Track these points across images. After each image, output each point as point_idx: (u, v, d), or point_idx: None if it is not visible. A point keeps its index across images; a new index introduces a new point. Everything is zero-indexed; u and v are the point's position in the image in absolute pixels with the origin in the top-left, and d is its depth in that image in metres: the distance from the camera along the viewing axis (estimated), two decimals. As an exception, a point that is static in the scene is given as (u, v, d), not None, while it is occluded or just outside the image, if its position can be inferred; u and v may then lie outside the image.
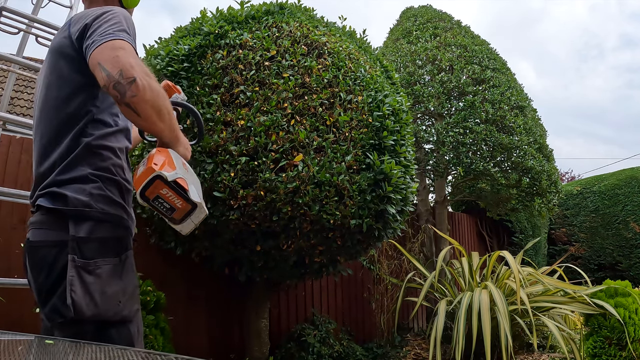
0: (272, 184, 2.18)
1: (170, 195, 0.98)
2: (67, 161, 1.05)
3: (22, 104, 7.79)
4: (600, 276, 7.27)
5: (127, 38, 1.01)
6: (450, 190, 5.89)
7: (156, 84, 0.99)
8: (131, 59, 0.96)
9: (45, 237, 1.02)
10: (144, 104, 0.95)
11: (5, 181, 2.79)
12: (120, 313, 1.03)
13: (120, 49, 0.97)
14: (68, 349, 0.84)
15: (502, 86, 4.94)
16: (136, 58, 0.98)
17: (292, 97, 2.34)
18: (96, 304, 0.98)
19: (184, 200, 0.99)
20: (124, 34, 1.01)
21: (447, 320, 3.58)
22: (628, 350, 2.98)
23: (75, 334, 0.95)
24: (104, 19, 1.04)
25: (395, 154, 2.55)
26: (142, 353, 0.73)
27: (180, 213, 1.00)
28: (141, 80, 0.94)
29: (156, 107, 0.98)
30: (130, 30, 1.06)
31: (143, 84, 0.94)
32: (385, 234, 2.67)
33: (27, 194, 2.11)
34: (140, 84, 0.93)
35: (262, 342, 3.03)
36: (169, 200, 0.98)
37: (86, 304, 0.97)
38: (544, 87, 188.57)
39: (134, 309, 1.09)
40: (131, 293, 1.08)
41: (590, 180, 8.83)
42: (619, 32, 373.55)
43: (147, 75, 0.97)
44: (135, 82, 0.93)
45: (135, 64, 0.95)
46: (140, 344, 1.10)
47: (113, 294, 1.01)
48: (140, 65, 0.97)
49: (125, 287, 1.05)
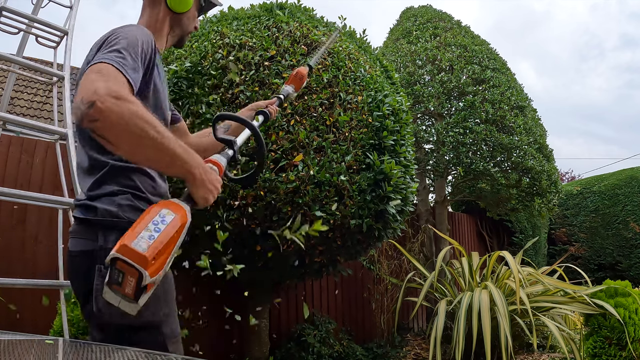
0: (272, 184, 2.18)
1: (125, 278, 0.79)
2: (96, 179, 1.08)
3: (22, 104, 7.78)
4: (600, 276, 7.27)
5: (113, 57, 0.94)
6: (450, 190, 5.89)
7: (134, 106, 0.86)
8: (98, 82, 0.86)
9: (79, 247, 1.07)
10: (112, 129, 0.83)
11: (5, 181, 2.79)
12: (144, 319, 1.03)
13: (95, 72, 0.89)
14: (68, 349, 0.84)
15: (502, 86, 4.94)
16: (108, 79, 0.88)
17: (292, 97, 2.34)
18: (119, 311, 1.01)
19: (133, 290, 0.79)
20: (113, 54, 0.95)
21: (447, 320, 3.58)
22: (628, 350, 2.98)
23: (105, 337, 1.02)
24: (107, 43, 1.01)
25: (395, 154, 2.55)
26: (143, 353, 0.73)
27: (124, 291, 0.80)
28: (103, 103, 0.82)
29: (132, 133, 0.84)
30: (132, 48, 1.00)
31: (106, 107, 0.82)
32: (385, 234, 2.67)
33: (27, 194, 2.11)
34: (100, 107, 0.81)
35: (262, 342, 3.03)
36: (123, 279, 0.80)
37: (109, 313, 1.00)
38: (544, 87, 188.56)
39: (162, 312, 1.08)
40: (157, 298, 1.05)
41: (590, 180, 8.83)
42: (619, 32, 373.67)
43: (118, 97, 0.84)
44: (95, 105, 0.81)
45: (100, 86, 0.84)
46: (173, 345, 1.10)
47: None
48: (109, 88, 0.85)
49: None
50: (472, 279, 3.91)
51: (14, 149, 2.91)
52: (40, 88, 8.31)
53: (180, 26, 1.31)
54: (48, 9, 2.81)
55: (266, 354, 3.04)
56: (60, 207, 2.43)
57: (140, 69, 1.01)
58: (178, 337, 1.14)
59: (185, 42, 1.37)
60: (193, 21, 1.34)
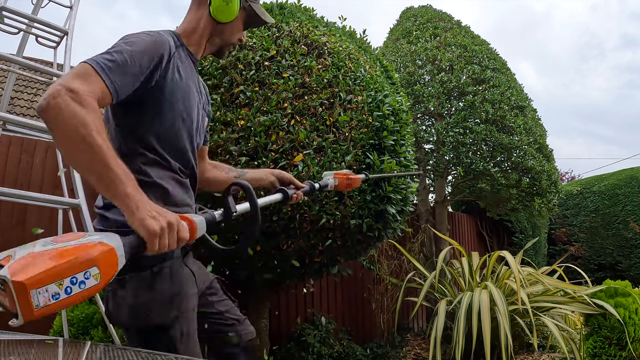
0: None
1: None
2: None
3: (22, 104, 7.78)
4: (600, 276, 7.27)
5: (99, 59, 0.93)
6: (450, 190, 5.89)
7: (82, 109, 0.83)
8: (68, 78, 0.87)
9: None
10: (53, 125, 0.83)
11: (5, 181, 2.79)
12: (152, 322, 1.06)
13: (73, 70, 0.90)
14: (68, 349, 0.84)
15: (502, 86, 4.94)
16: (77, 78, 0.87)
17: (292, 97, 2.34)
18: (125, 315, 1.06)
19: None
20: (102, 56, 0.95)
21: (447, 320, 3.57)
22: (628, 350, 2.98)
23: (129, 338, 1.11)
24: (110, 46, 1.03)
25: (395, 154, 2.55)
26: (143, 353, 0.73)
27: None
28: (55, 98, 0.82)
29: (69, 133, 0.82)
30: (129, 52, 0.98)
31: (55, 102, 0.82)
32: (385, 234, 2.67)
33: (27, 194, 2.11)
34: (50, 101, 0.82)
35: (262, 342, 3.03)
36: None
37: (116, 315, 1.07)
38: (544, 87, 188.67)
39: (172, 315, 1.08)
40: (167, 301, 1.08)
41: (590, 180, 8.83)
42: (619, 32, 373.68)
43: (73, 96, 0.84)
44: (48, 98, 0.82)
45: (65, 82, 0.85)
46: (184, 345, 1.11)
47: (141, 305, 1.05)
48: (69, 85, 0.84)
49: (154, 297, 1.07)
50: (472, 279, 3.91)
51: (14, 149, 2.91)
52: (40, 88, 8.31)
53: (220, 36, 1.26)
54: (48, 9, 2.81)
55: (266, 354, 3.04)
56: (60, 207, 2.43)
57: (133, 73, 0.98)
58: (191, 337, 1.14)
59: (225, 53, 1.33)
60: (237, 34, 1.28)
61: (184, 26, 1.24)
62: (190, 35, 1.23)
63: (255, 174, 1.43)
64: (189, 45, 1.23)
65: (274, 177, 1.41)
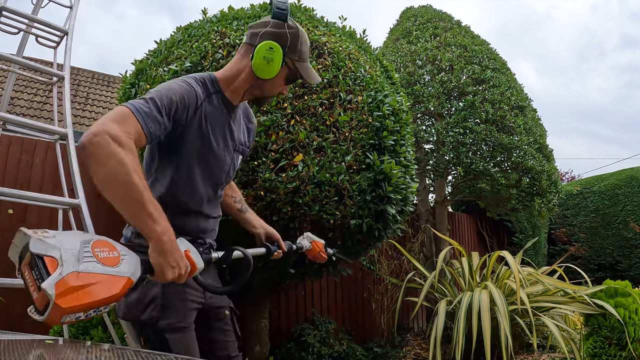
0: (272, 184, 2.18)
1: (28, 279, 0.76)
2: None
3: (22, 104, 7.79)
4: (600, 276, 7.27)
5: (136, 103, 1.03)
6: (450, 190, 5.89)
7: (120, 149, 0.91)
8: (108, 119, 0.95)
9: None
10: (91, 160, 0.90)
11: (5, 181, 2.79)
12: (141, 316, 1.18)
13: (114, 111, 0.99)
14: (68, 348, 0.84)
15: (502, 86, 4.93)
16: (116, 120, 0.96)
17: (292, 97, 2.34)
18: (120, 308, 1.21)
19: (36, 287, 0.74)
20: (139, 101, 1.04)
21: (447, 320, 3.57)
22: (628, 350, 2.98)
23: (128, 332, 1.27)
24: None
25: (395, 154, 2.54)
26: (143, 353, 0.73)
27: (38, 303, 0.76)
28: (96, 136, 0.90)
29: (107, 170, 0.90)
30: (161, 100, 1.06)
31: (96, 140, 0.90)
32: (385, 234, 2.67)
33: (27, 194, 2.11)
34: (92, 139, 0.90)
35: (262, 342, 3.02)
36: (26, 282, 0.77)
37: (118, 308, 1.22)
38: (544, 86, 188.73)
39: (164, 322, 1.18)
40: (157, 303, 1.18)
41: (590, 180, 8.83)
42: (619, 32, 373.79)
43: (112, 136, 0.91)
44: (89, 135, 0.90)
45: (105, 122, 0.93)
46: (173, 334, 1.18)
47: (133, 301, 1.18)
48: (110, 127, 0.92)
49: (139, 295, 1.18)
50: (472, 279, 3.91)
51: (14, 149, 2.91)
52: (40, 88, 8.31)
53: (260, 89, 1.28)
54: (48, 9, 2.81)
55: (266, 354, 3.04)
56: (60, 207, 2.43)
57: (163, 120, 1.07)
58: (181, 328, 1.20)
59: (264, 104, 1.36)
60: (277, 88, 1.29)
61: (226, 73, 1.27)
62: (229, 83, 1.26)
63: (253, 218, 1.55)
64: (227, 91, 1.27)
65: (264, 231, 1.53)
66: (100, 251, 0.81)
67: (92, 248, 0.80)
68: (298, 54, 1.25)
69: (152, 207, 0.93)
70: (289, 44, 1.22)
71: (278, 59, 1.20)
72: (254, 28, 1.25)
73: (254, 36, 1.23)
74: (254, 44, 1.21)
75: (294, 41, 1.23)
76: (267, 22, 1.24)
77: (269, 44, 1.19)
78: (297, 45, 1.24)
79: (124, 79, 2.96)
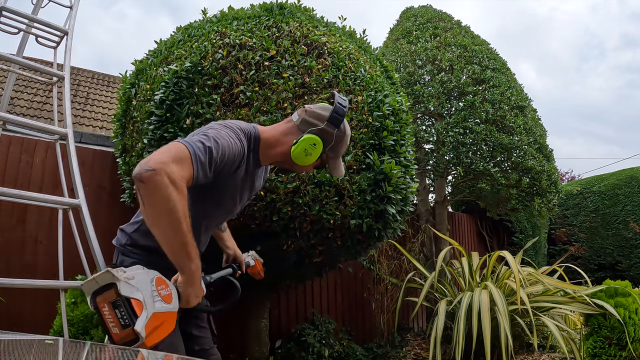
0: (272, 184, 2.18)
1: (109, 316, 0.87)
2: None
3: (22, 104, 7.78)
4: (600, 276, 7.27)
5: (196, 145, 1.06)
6: (450, 190, 5.89)
7: (176, 193, 0.97)
8: (170, 160, 0.98)
9: None
10: (147, 196, 0.96)
11: (5, 181, 2.79)
12: None
13: (175, 149, 1.03)
14: (68, 349, 0.84)
15: (502, 86, 4.93)
16: (176, 161, 1.00)
17: (292, 97, 2.34)
18: None
19: (120, 326, 0.86)
20: (199, 143, 1.07)
21: (447, 320, 3.57)
22: (628, 350, 2.98)
23: None
24: (205, 129, 1.18)
25: (395, 154, 2.54)
26: (142, 353, 0.73)
27: (120, 338, 0.88)
28: (156, 175, 0.94)
29: (159, 208, 0.97)
30: (215, 148, 1.09)
31: (156, 179, 0.94)
32: (385, 234, 2.67)
33: (27, 194, 2.11)
34: (152, 176, 0.94)
35: (262, 342, 3.02)
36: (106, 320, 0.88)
37: None
38: (544, 86, 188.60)
39: None
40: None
41: (590, 180, 8.83)
42: (619, 32, 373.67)
43: (171, 179, 0.96)
44: (149, 172, 0.94)
45: (168, 163, 0.97)
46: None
47: None
48: (171, 168, 0.97)
49: None
50: (472, 279, 3.91)
51: (14, 149, 2.91)
52: (40, 88, 8.31)
53: (290, 166, 1.36)
54: (48, 9, 2.81)
55: (266, 354, 3.04)
56: (60, 207, 2.43)
57: (210, 175, 1.11)
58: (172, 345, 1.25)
59: (286, 174, 1.46)
60: (305, 169, 1.37)
61: (269, 138, 1.31)
62: (266, 148, 1.31)
63: (228, 238, 1.68)
64: (261, 152, 1.31)
65: (233, 253, 1.66)
66: (162, 289, 0.94)
67: (157, 287, 0.92)
68: (334, 153, 1.34)
69: (191, 248, 1.03)
70: (333, 144, 1.30)
71: (316, 155, 1.27)
72: (310, 116, 1.30)
73: (305, 124, 1.29)
74: (303, 131, 1.28)
75: (337, 142, 1.31)
76: (323, 118, 1.29)
77: (314, 139, 1.25)
78: (337, 146, 1.33)
79: (124, 79, 2.96)
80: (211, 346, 1.50)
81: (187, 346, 1.39)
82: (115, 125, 2.99)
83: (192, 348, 1.43)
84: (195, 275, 1.05)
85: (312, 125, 1.28)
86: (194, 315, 1.45)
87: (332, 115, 1.27)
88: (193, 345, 1.43)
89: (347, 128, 1.34)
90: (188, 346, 1.40)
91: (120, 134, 2.92)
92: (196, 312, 1.46)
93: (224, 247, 1.66)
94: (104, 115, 8.45)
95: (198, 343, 1.46)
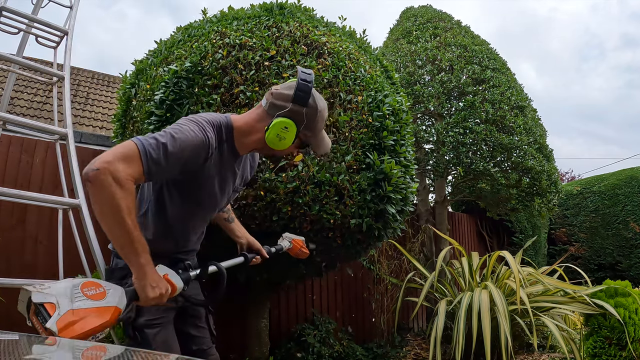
0: (272, 183, 2.18)
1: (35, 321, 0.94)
2: None
3: (22, 104, 7.78)
4: (600, 276, 7.27)
5: (148, 143, 1.07)
6: (450, 190, 5.89)
7: (120, 190, 1.00)
8: (117, 158, 1.01)
9: None
10: (93, 195, 1.00)
11: (5, 181, 2.79)
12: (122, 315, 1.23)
13: (123, 147, 1.05)
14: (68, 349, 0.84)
15: (502, 86, 4.93)
16: (124, 159, 1.02)
17: (292, 97, 2.34)
18: None
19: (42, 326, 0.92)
20: (152, 141, 1.08)
21: (447, 320, 3.57)
22: (628, 350, 2.98)
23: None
24: (166, 127, 1.18)
25: (395, 154, 2.54)
26: (143, 353, 0.73)
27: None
28: (101, 174, 0.98)
29: (104, 206, 1.00)
30: (172, 146, 1.10)
31: (100, 179, 0.98)
32: (385, 234, 2.67)
33: (27, 194, 2.11)
34: (97, 175, 0.98)
35: (262, 342, 3.02)
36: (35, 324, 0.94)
37: None
38: (544, 86, 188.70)
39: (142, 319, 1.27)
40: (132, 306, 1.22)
41: (590, 180, 8.83)
42: (619, 32, 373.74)
43: (115, 178, 0.99)
44: (95, 171, 0.98)
45: (113, 161, 1.00)
46: (152, 329, 1.28)
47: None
48: (116, 167, 1.00)
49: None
50: (472, 279, 3.91)
51: (14, 149, 2.91)
52: (40, 88, 8.31)
53: (269, 153, 1.34)
54: (48, 9, 2.81)
55: (266, 354, 3.04)
56: (60, 207, 2.43)
57: (168, 168, 1.11)
58: (158, 324, 1.29)
59: (275, 160, 1.48)
60: (287, 152, 1.33)
61: (242, 126, 1.29)
62: (241, 136, 1.29)
63: (237, 228, 1.66)
64: (237, 142, 1.29)
65: (245, 241, 1.64)
66: (89, 290, 0.98)
67: (81, 289, 0.97)
68: (312, 130, 1.28)
69: (137, 244, 1.05)
70: (306, 122, 1.24)
71: (291, 137, 1.23)
72: (277, 99, 1.25)
73: (273, 107, 1.25)
74: (272, 115, 1.24)
75: (310, 120, 1.25)
76: (289, 98, 1.22)
77: (284, 122, 1.21)
78: (312, 123, 1.26)
79: (124, 79, 2.96)
80: (209, 346, 1.50)
81: (185, 346, 1.39)
82: (115, 125, 2.99)
83: (190, 348, 1.43)
84: (144, 269, 1.06)
85: (279, 107, 1.23)
86: (192, 315, 1.46)
87: (296, 94, 1.21)
88: (191, 345, 1.44)
89: (319, 102, 1.26)
90: (186, 346, 1.41)
91: (120, 134, 2.92)
92: (195, 312, 1.47)
93: (235, 237, 1.65)
94: (104, 115, 8.45)
95: (196, 343, 1.46)
